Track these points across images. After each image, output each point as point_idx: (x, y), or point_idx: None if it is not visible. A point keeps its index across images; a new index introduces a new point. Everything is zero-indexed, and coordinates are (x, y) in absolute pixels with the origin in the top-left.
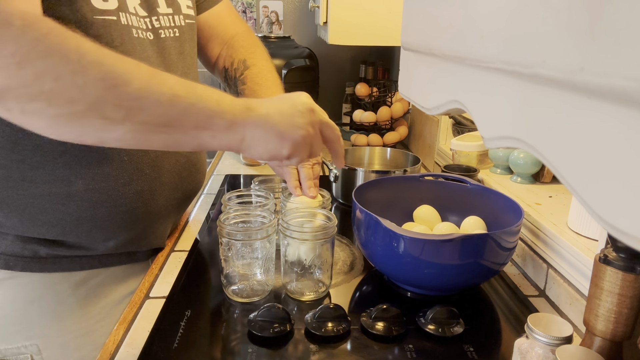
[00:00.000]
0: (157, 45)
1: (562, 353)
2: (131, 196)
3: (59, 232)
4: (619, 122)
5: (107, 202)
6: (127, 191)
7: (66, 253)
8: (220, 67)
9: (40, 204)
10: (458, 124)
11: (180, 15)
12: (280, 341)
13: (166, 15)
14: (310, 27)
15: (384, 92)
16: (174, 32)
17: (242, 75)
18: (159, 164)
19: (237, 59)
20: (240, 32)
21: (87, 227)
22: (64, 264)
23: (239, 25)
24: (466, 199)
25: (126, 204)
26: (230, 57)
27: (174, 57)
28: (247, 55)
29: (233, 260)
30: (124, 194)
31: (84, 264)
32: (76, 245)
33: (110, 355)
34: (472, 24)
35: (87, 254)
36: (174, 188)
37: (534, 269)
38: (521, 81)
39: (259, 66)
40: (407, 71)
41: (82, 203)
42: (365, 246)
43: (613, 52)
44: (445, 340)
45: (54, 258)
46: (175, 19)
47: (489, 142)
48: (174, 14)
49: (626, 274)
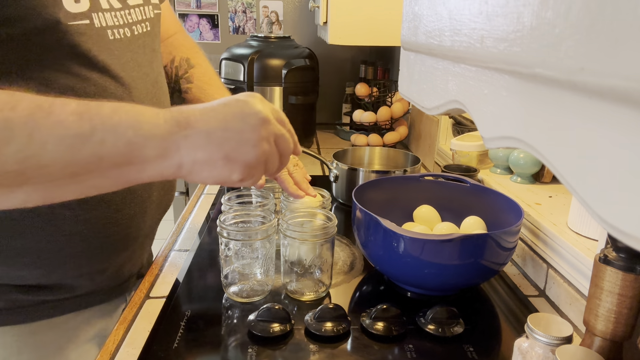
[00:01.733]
0: (134, 44)
1: (562, 353)
2: (124, 222)
3: (42, 274)
4: (619, 122)
5: (99, 232)
6: (120, 217)
7: (47, 297)
8: None
9: (21, 245)
10: (458, 124)
11: (149, 5)
12: (280, 341)
13: (137, 6)
14: (310, 27)
15: (384, 92)
16: (146, 26)
17: (187, 73)
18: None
19: (178, 56)
20: (179, 31)
21: (77, 262)
22: (44, 311)
23: (177, 25)
24: (466, 199)
25: (119, 231)
26: (169, 54)
27: (149, 56)
28: (189, 53)
29: (233, 260)
30: (117, 220)
31: (66, 308)
32: (57, 286)
33: (110, 355)
34: (472, 24)
35: (69, 296)
36: (159, 204)
37: (534, 269)
38: (521, 81)
39: (204, 66)
40: (407, 71)
41: (72, 237)
42: (365, 246)
43: (613, 52)
44: (445, 340)
45: (35, 306)
46: (146, 10)
47: (489, 142)
48: (144, 4)
49: (626, 274)
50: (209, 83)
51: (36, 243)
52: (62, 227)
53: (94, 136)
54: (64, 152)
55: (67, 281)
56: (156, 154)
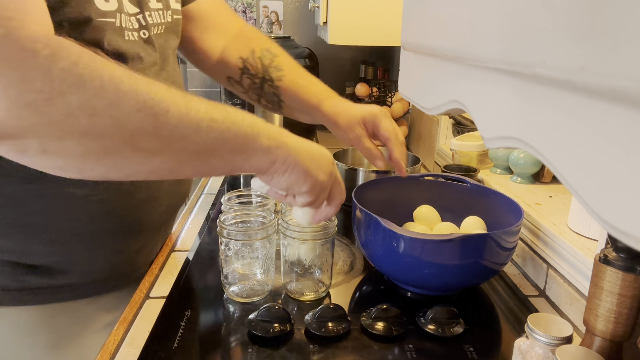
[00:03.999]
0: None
1: (562, 353)
2: (134, 206)
3: (56, 252)
4: (619, 122)
5: (109, 214)
6: (130, 200)
7: (60, 282)
8: (233, 58)
9: (36, 222)
10: (458, 124)
11: (169, 10)
12: (280, 341)
13: (156, 10)
14: (310, 27)
15: (384, 92)
16: (161, 28)
17: (274, 62)
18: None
19: (257, 47)
20: (245, 26)
21: (87, 245)
22: (57, 294)
23: (239, 19)
24: (466, 199)
25: (129, 215)
26: (246, 47)
27: (165, 59)
28: (266, 44)
29: (233, 260)
30: (127, 203)
31: (80, 293)
32: (70, 271)
33: (110, 355)
34: (472, 24)
35: (81, 282)
36: (173, 193)
37: (534, 269)
38: (521, 81)
39: (285, 54)
40: (407, 71)
41: (82, 217)
42: (365, 246)
43: (613, 52)
44: (445, 340)
45: (48, 288)
46: (164, 14)
47: (489, 142)
48: (164, 9)
49: (626, 274)
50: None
51: (48, 221)
52: (71, 206)
53: (224, 123)
54: (203, 129)
55: (77, 265)
56: (261, 149)
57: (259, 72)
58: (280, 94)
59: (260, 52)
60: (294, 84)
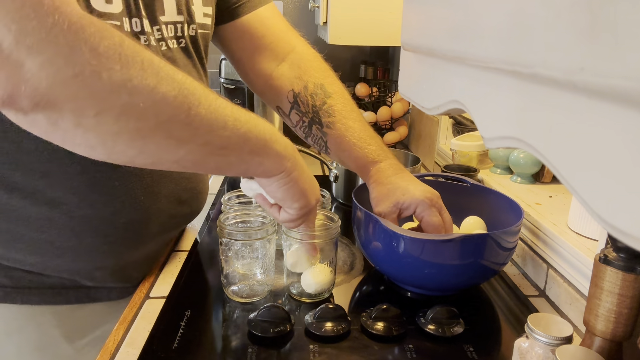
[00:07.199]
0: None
1: (562, 353)
2: (121, 226)
3: (38, 261)
4: (619, 122)
5: (92, 232)
6: (117, 220)
7: (50, 284)
8: (285, 89)
9: (16, 230)
10: (458, 124)
11: (193, 24)
12: (280, 341)
13: (173, 23)
14: (310, 27)
15: (384, 92)
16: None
17: (326, 104)
18: (155, 190)
19: (310, 82)
20: (299, 45)
21: (70, 257)
22: (47, 297)
23: (294, 37)
24: (466, 199)
25: (114, 234)
26: (300, 80)
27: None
28: (322, 78)
29: (233, 260)
30: (112, 223)
31: (70, 298)
32: (58, 277)
33: (110, 355)
34: (472, 24)
35: (72, 286)
36: (172, 214)
37: (534, 269)
38: (521, 81)
39: (340, 94)
40: (407, 71)
41: (64, 231)
42: (365, 246)
43: (613, 52)
44: (445, 340)
45: (37, 289)
46: (185, 28)
47: (489, 142)
48: (185, 22)
49: (626, 274)
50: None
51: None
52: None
53: (248, 123)
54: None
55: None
56: (277, 155)
57: (309, 112)
58: (327, 140)
59: (313, 88)
60: (340, 136)
